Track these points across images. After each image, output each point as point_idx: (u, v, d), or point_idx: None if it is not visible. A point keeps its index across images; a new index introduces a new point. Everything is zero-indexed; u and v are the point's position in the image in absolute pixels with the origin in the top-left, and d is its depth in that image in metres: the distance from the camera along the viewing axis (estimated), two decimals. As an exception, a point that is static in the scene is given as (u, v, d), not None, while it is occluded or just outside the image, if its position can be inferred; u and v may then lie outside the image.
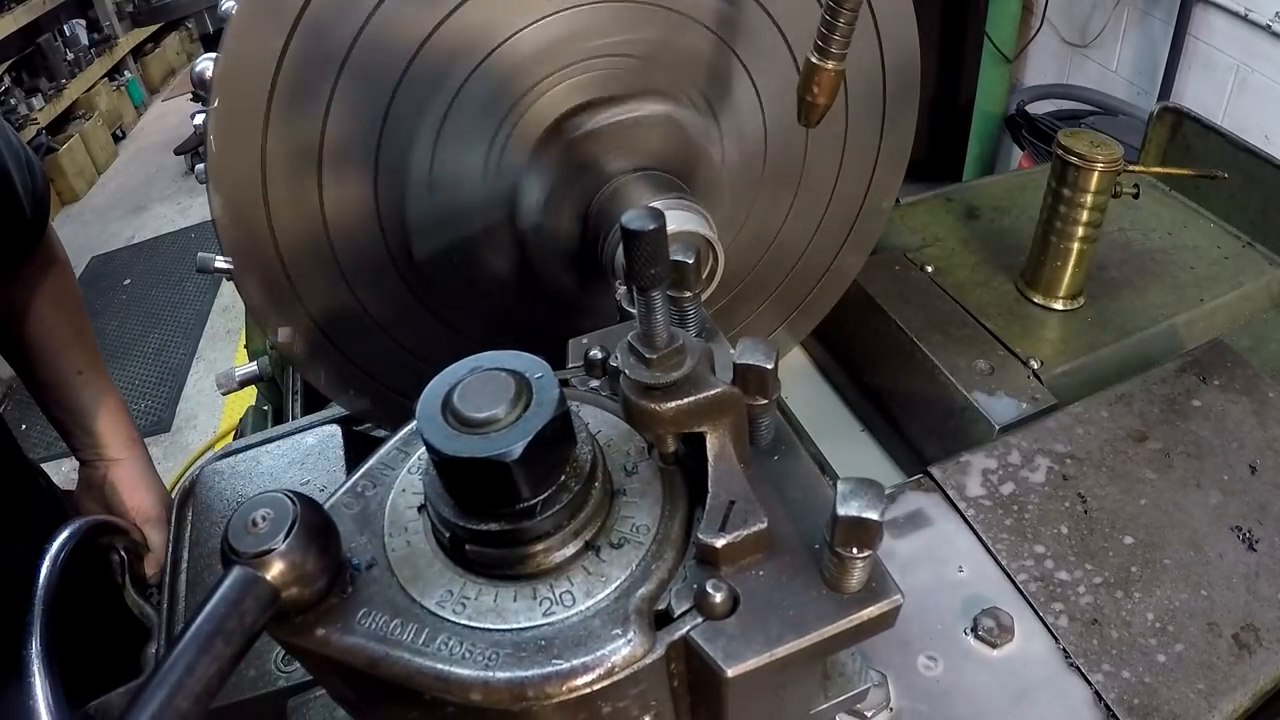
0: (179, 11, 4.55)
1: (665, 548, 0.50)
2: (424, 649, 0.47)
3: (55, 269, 1.33)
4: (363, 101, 0.82)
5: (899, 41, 1.03)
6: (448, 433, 0.45)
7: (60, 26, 6.40)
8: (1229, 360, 1.02)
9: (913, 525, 0.88)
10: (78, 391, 1.34)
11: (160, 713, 0.42)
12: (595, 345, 0.60)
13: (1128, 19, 3.26)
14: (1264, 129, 2.73)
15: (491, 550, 0.48)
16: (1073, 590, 0.83)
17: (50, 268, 1.32)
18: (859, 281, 1.26)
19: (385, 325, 0.97)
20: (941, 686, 0.77)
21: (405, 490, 0.55)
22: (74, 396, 1.34)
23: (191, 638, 0.44)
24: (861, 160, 1.12)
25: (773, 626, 0.46)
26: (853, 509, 0.44)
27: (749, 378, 0.51)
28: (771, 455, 0.56)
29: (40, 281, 1.30)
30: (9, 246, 1.20)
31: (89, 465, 1.37)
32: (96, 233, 5.68)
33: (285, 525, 0.46)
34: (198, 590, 0.93)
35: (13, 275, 1.26)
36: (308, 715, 0.79)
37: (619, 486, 0.53)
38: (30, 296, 1.29)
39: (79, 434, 1.36)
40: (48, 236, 1.31)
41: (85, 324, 1.40)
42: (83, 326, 1.38)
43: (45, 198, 1.27)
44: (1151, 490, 0.91)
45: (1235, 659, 0.78)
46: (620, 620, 0.46)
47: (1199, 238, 1.40)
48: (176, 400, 4.21)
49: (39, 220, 1.26)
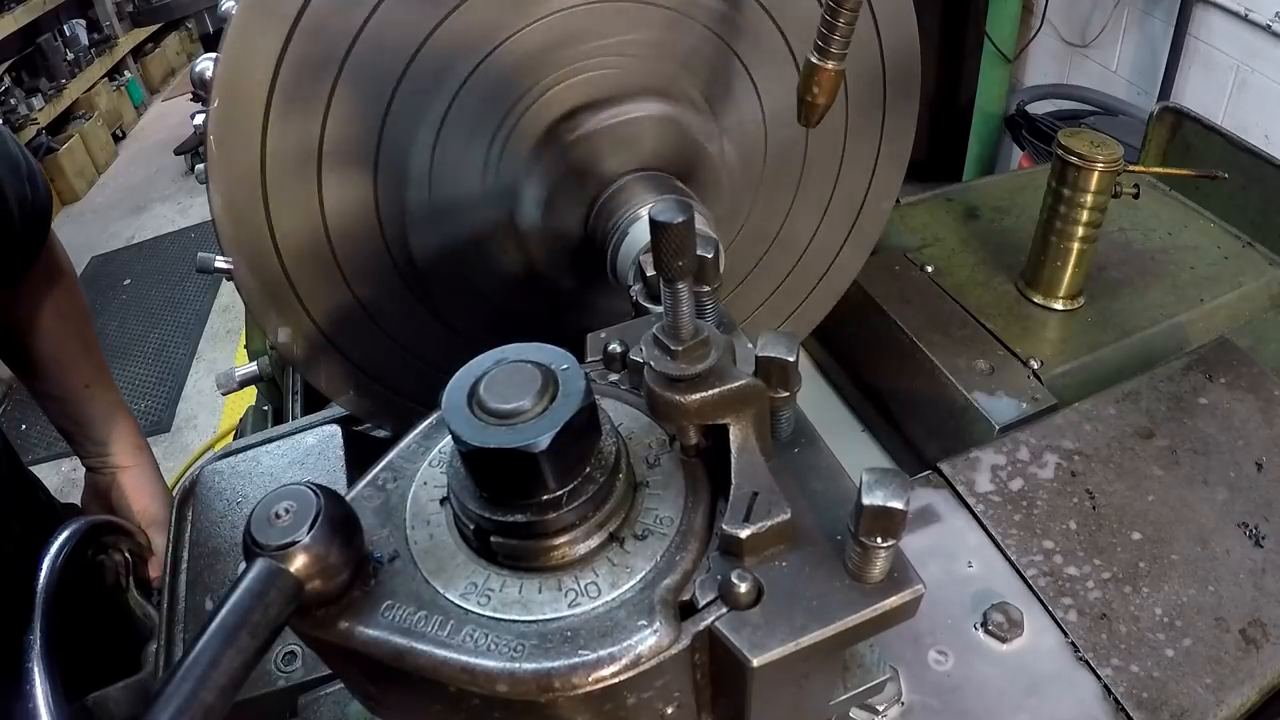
0: (179, 11, 4.56)
1: (689, 539, 0.50)
2: (449, 641, 0.47)
3: (61, 283, 1.34)
4: (363, 102, 0.82)
5: (899, 41, 1.03)
6: (475, 424, 0.46)
7: (60, 26, 6.39)
8: (1235, 358, 1.03)
9: (922, 521, 0.89)
10: (85, 404, 1.36)
11: (186, 705, 0.41)
12: (614, 339, 0.61)
13: (1128, 19, 3.28)
14: (1264, 129, 2.74)
15: (516, 542, 0.49)
16: (1081, 585, 0.83)
17: (56, 281, 1.33)
18: (859, 281, 1.26)
19: (385, 325, 0.97)
20: (952, 681, 0.77)
21: (427, 483, 0.55)
22: (82, 409, 1.36)
23: (215, 630, 0.44)
24: (861, 160, 1.12)
25: (797, 616, 0.47)
26: (878, 498, 0.44)
27: (771, 370, 0.52)
28: (792, 448, 0.56)
29: (45, 295, 1.31)
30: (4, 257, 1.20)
31: (96, 472, 1.39)
32: (96, 233, 5.68)
33: (309, 518, 0.46)
34: (198, 590, 0.93)
35: (14, 287, 1.26)
36: (318, 712, 0.79)
37: (642, 478, 0.53)
38: (35, 310, 1.30)
39: (86, 444, 1.38)
40: (52, 250, 1.32)
41: (92, 338, 1.42)
42: (90, 341, 1.40)
43: (45, 210, 1.27)
44: (1159, 487, 0.91)
45: (1242, 654, 0.79)
46: (646, 611, 0.47)
47: (1199, 238, 1.40)
48: (176, 400, 4.20)
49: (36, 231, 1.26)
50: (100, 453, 1.38)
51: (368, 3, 0.78)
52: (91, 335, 1.41)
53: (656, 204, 0.44)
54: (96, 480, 1.39)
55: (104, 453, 1.38)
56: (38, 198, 1.25)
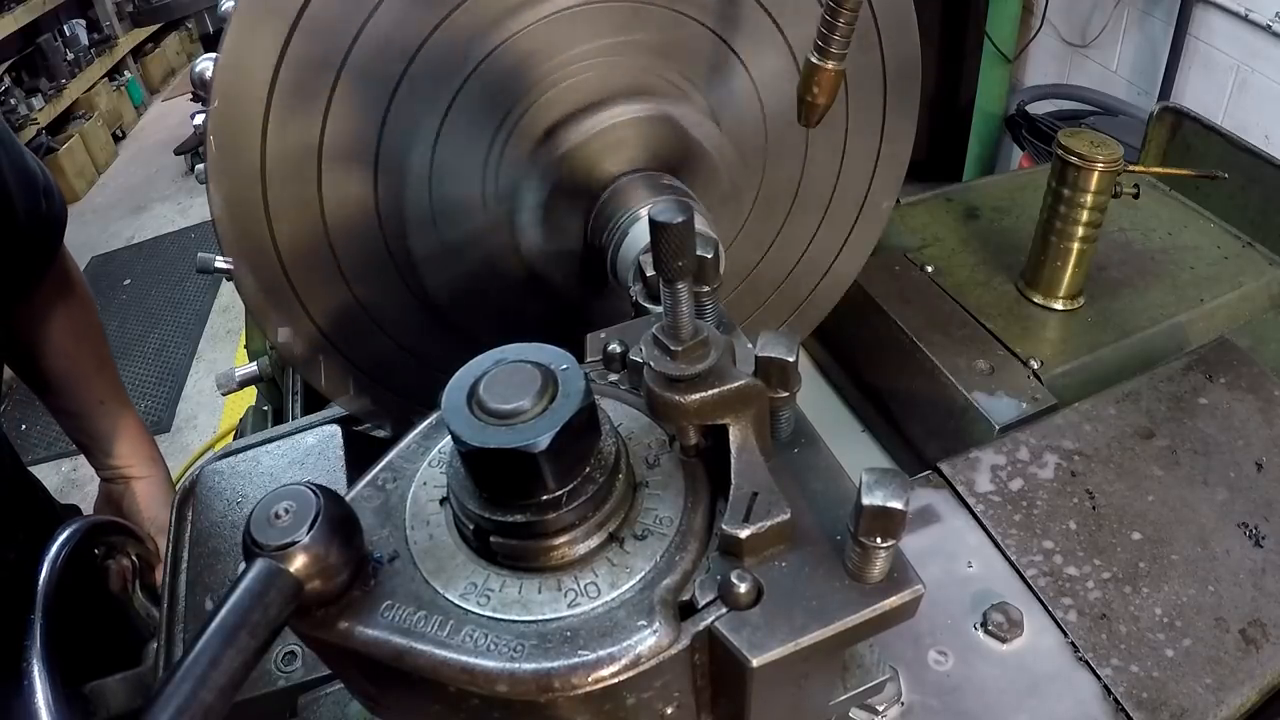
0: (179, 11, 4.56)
1: (689, 539, 0.50)
2: (449, 641, 0.47)
3: (76, 300, 1.36)
4: (363, 101, 0.82)
5: (899, 41, 1.03)
6: (474, 424, 0.46)
7: (60, 26, 6.40)
8: (1235, 358, 1.03)
9: (922, 521, 0.89)
10: (100, 420, 1.39)
11: (185, 705, 0.41)
12: (614, 339, 0.61)
13: (1128, 19, 3.28)
14: (1264, 129, 2.74)
15: (516, 542, 0.49)
16: (1081, 585, 0.83)
17: (69, 297, 1.35)
18: (859, 281, 1.27)
19: (385, 325, 0.97)
20: (952, 681, 0.77)
21: (426, 483, 0.55)
22: (96, 424, 1.39)
23: (215, 630, 0.43)
24: (862, 160, 1.12)
25: (797, 616, 0.47)
26: (878, 498, 0.44)
27: (770, 370, 0.52)
28: (792, 448, 0.56)
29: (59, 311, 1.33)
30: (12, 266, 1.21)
31: (110, 482, 1.42)
32: (96, 233, 5.68)
33: (309, 518, 0.46)
34: (198, 590, 0.93)
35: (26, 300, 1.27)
36: (318, 712, 0.79)
37: (641, 479, 0.53)
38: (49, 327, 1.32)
39: (101, 456, 1.41)
40: (64, 266, 1.34)
41: (107, 355, 1.44)
42: (104, 357, 1.42)
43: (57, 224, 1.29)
44: (1159, 487, 0.91)
45: (1242, 654, 0.79)
46: (645, 611, 0.47)
47: (1199, 238, 1.41)
48: (176, 400, 4.21)
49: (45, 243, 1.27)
50: (114, 465, 1.40)
51: (368, 2, 0.78)
52: (105, 352, 1.44)
53: (656, 204, 0.44)
54: (110, 490, 1.42)
55: (118, 465, 1.40)
56: (51, 210, 1.26)
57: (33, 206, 1.21)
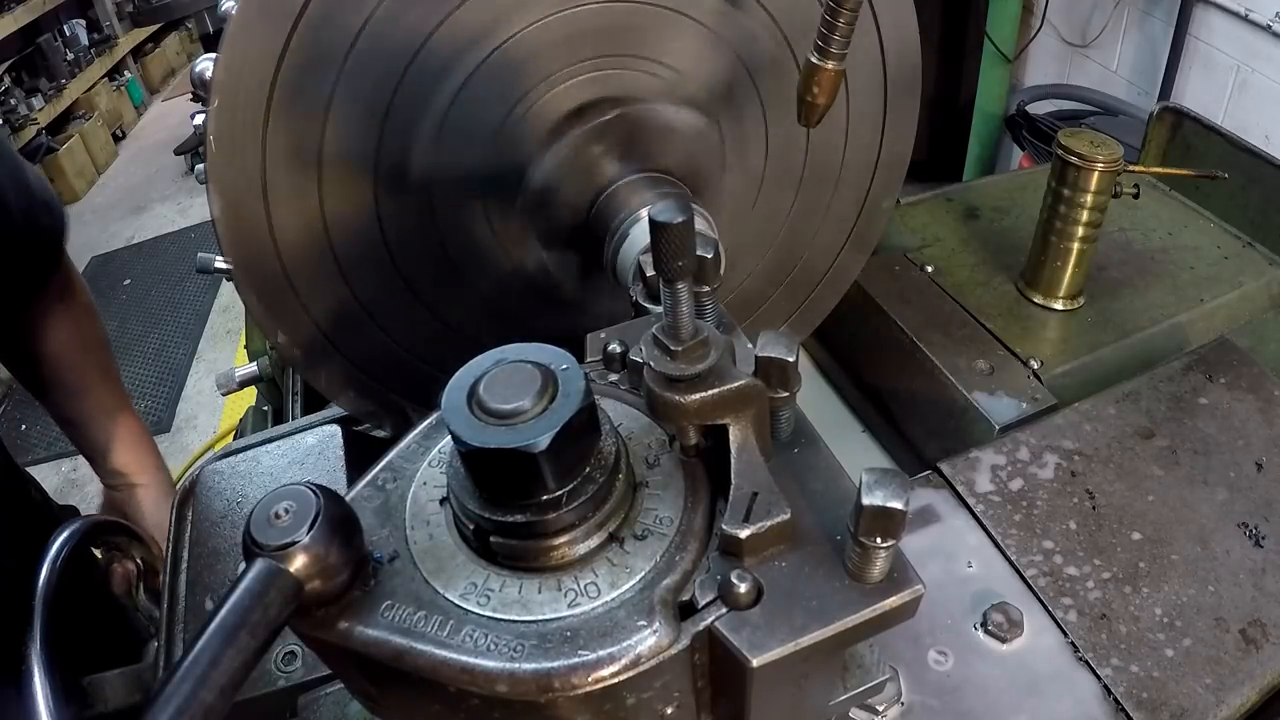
0: (179, 11, 4.56)
1: (689, 539, 0.50)
2: (449, 641, 0.47)
3: (79, 311, 1.37)
4: (363, 101, 0.82)
5: (900, 41, 1.03)
6: (474, 424, 0.46)
7: (60, 26, 6.40)
8: (1235, 358, 1.03)
9: (922, 521, 0.89)
10: (104, 430, 1.39)
11: (185, 705, 0.41)
12: (614, 339, 0.61)
13: (1128, 19, 3.28)
14: (1264, 129, 2.74)
15: (516, 542, 0.49)
16: (1081, 585, 0.83)
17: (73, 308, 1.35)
18: (859, 281, 1.26)
19: (385, 326, 0.97)
20: (952, 681, 0.77)
21: (426, 483, 0.55)
22: (100, 434, 1.39)
23: (215, 630, 0.44)
24: (862, 160, 1.12)
25: (797, 616, 0.47)
26: (878, 498, 0.44)
27: (770, 370, 0.52)
28: (792, 448, 0.56)
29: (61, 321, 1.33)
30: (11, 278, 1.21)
31: (113, 489, 1.43)
32: (96, 233, 5.68)
33: (309, 518, 0.46)
34: (198, 590, 0.93)
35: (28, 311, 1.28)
36: (318, 712, 0.79)
37: (641, 479, 0.54)
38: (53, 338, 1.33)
39: (103, 464, 1.41)
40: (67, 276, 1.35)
41: (110, 365, 1.44)
42: (108, 368, 1.43)
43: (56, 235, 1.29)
44: (1159, 487, 0.91)
45: (1242, 654, 0.79)
46: (645, 611, 0.47)
47: (1199, 238, 1.40)
48: (176, 400, 4.21)
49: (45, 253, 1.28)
50: (118, 472, 1.41)
51: (368, 3, 0.78)
52: (109, 361, 1.44)
53: (656, 204, 0.44)
54: (113, 496, 1.43)
55: (121, 473, 1.41)
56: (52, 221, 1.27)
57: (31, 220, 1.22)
